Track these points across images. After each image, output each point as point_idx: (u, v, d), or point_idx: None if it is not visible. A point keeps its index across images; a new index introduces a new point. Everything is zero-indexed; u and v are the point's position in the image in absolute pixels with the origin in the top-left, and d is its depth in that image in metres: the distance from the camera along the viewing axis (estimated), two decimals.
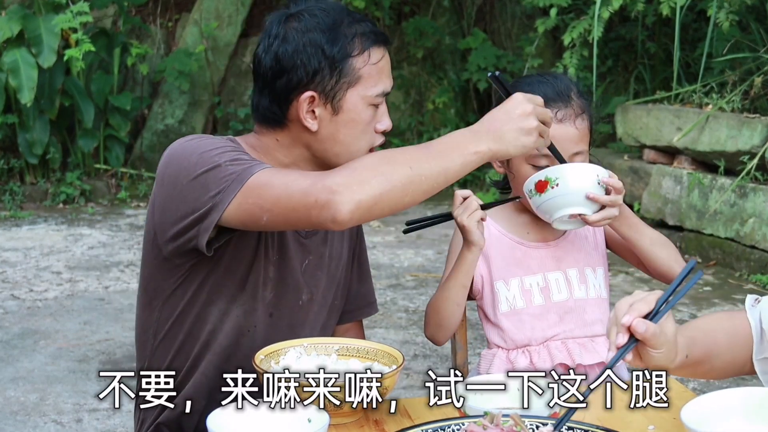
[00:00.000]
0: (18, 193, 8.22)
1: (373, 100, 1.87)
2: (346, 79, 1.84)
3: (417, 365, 4.45)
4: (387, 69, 1.90)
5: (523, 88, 2.09)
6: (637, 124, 6.85)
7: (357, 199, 1.65)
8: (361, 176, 1.68)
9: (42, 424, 3.77)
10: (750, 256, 5.79)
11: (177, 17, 9.52)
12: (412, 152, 1.74)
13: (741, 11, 6.33)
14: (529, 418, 1.47)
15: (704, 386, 4.10)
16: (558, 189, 2.00)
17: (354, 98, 1.86)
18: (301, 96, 1.84)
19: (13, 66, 7.65)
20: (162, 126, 9.09)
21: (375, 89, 1.87)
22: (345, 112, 1.87)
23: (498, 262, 2.20)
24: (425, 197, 1.73)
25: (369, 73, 1.86)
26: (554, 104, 2.10)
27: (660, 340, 1.57)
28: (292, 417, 1.53)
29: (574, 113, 2.12)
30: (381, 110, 1.92)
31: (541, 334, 2.18)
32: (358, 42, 1.84)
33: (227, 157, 1.77)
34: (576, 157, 2.11)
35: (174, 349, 1.95)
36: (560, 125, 2.09)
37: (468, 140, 1.74)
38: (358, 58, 1.85)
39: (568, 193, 2.00)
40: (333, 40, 1.83)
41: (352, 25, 1.86)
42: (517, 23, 9.50)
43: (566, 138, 2.09)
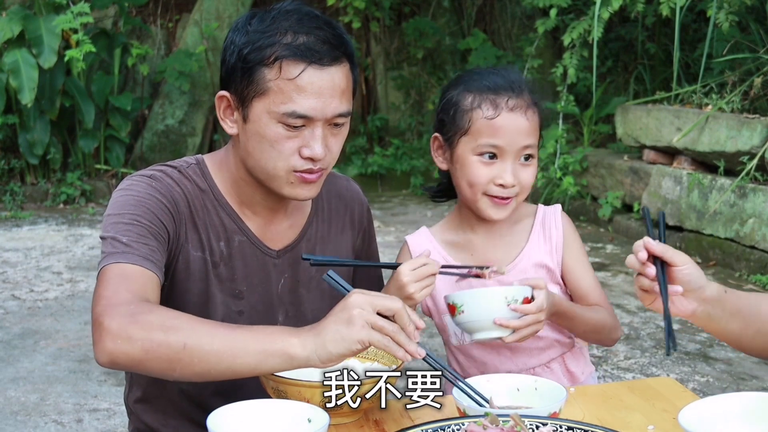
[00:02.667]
0: (18, 194, 8.23)
1: (282, 118, 1.73)
2: (253, 87, 1.74)
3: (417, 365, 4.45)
4: (312, 89, 1.72)
5: (473, 77, 2.05)
6: (637, 124, 6.86)
7: (115, 356, 1.52)
8: (131, 330, 1.51)
9: (42, 424, 3.77)
10: (750, 256, 5.79)
11: (177, 18, 9.52)
12: (203, 327, 1.53)
13: (741, 12, 6.34)
14: (529, 418, 1.48)
15: (704, 387, 4.10)
16: (465, 315, 1.90)
17: (259, 110, 1.75)
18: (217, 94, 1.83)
19: (13, 66, 7.66)
20: (162, 126, 9.09)
21: (283, 106, 1.72)
22: (251, 123, 1.77)
23: (442, 294, 2.03)
24: (203, 379, 1.54)
25: (279, 88, 1.72)
26: (505, 93, 2.00)
27: (676, 253, 1.67)
28: (292, 417, 1.53)
29: (525, 104, 2.00)
30: (308, 133, 1.75)
31: (494, 369, 2.06)
32: (274, 50, 1.72)
33: (114, 231, 1.71)
34: (525, 150, 2.01)
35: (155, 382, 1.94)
36: (511, 114, 1.98)
37: (285, 337, 1.51)
38: (270, 69, 1.72)
39: (475, 321, 1.89)
40: (253, 42, 1.74)
41: (285, 31, 1.73)
42: (517, 24, 9.51)
43: (516, 128, 1.98)
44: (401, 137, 9.43)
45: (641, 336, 4.78)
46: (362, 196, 2.11)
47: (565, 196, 7.19)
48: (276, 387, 1.64)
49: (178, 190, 1.84)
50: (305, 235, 1.97)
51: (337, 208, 2.04)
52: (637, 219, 6.88)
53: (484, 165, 2.01)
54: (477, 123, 2.00)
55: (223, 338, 1.51)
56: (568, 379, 2.12)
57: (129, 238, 1.70)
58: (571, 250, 2.11)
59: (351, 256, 2.07)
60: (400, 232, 7.30)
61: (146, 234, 1.73)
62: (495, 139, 1.99)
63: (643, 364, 4.38)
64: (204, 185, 1.88)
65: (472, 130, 2.01)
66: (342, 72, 1.77)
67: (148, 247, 1.71)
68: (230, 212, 1.89)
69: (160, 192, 1.80)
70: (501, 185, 2.00)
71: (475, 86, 2.03)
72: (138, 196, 1.78)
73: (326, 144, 1.78)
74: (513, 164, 2.01)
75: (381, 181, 9.10)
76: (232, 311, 1.89)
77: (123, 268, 1.66)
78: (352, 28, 9.10)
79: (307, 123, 1.75)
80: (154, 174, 1.84)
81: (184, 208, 1.83)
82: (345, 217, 2.05)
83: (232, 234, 1.88)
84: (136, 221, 1.73)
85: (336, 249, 2.03)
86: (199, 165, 1.90)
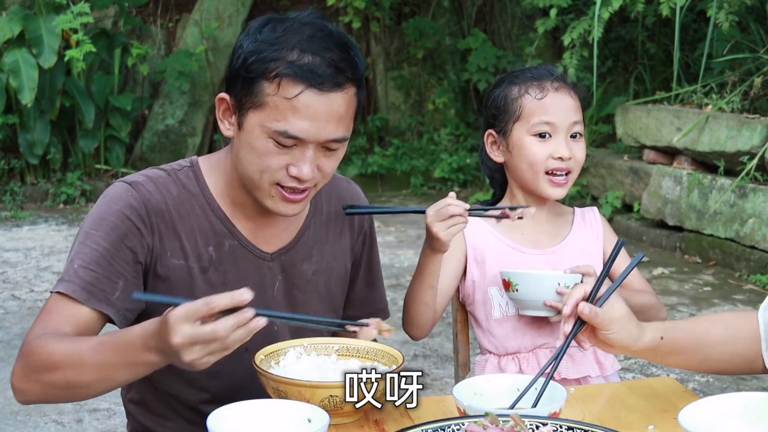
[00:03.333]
0: (18, 194, 8.23)
1: (274, 135, 1.71)
2: (251, 98, 1.72)
3: (417, 365, 4.46)
4: (308, 112, 1.70)
5: (514, 74, 2.22)
6: (637, 124, 6.86)
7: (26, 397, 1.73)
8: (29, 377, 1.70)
9: (42, 425, 3.78)
10: (750, 256, 5.79)
11: (177, 18, 9.52)
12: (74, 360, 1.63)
13: (741, 12, 6.34)
14: (529, 418, 1.48)
15: (704, 387, 4.10)
16: (518, 294, 2.08)
17: (253, 121, 1.73)
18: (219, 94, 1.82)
19: (13, 66, 7.66)
20: (162, 126, 9.10)
21: (276, 124, 1.70)
22: (244, 132, 1.75)
23: (492, 268, 2.18)
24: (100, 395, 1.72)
25: (276, 105, 1.70)
26: (548, 78, 2.17)
27: (607, 320, 1.63)
28: (292, 417, 1.53)
29: (567, 85, 2.18)
30: (298, 153, 1.74)
31: (531, 342, 2.17)
32: (276, 66, 1.70)
33: (76, 250, 1.77)
34: (575, 126, 2.16)
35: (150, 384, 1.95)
36: (557, 93, 2.15)
37: (140, 351, 1.56)
38: (269, 83, 1.70)
39: (527, 300, 2.08)
40: (259, 52, 1.71)
41: (292, 47, 1.70)
42: (517, 24, 9.51)
43: (564, 106, 2.16)
44: (401, 137, 9.43)
45: None
46: (363, 199, 2.10)
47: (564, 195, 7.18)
48: (276, 387, 1.64)
49: (158, 198, 1.82)
50: (301, 238, 1.95)
51: (336, 210, 2.02)
52: (637, 219, 6.89)
53: (541, 143, 2.15)
54: (528, 106, 2.16)
55: (93, 369, 1.62)
56: (599, 367, 2.18)
57: (80, 263, 1.75)
58: (611, 241, 2.26)
59: (349, 260, 2.04)
60: (400, 232, 7.31)
61: (98, 261, 1.75)
62: (546, 116, 2.14)
63: (643, 364, 4.38)
64: (195, 189, 1.87)
65: (524, 114, 2.16)
66: (343, 98, 1.73)
67: (93, 274, 1.74)
68: (221, 216, 1.87)
69: (132, 206, 1.79)
70: (559, 158, 2.15)
71: (519, 79, 2.19)
72: (108, 215, 1.78)
73: (317, 164, 1.76)
74: (566, 139, 2.16)
75: (381, 181, 9.10)
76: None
77: (57, 299, 1.75)
78: (352, 28, 9.10)
79: (298, 143, 1.73)
80: (136, 181, 1.83)
81: (160, 218, 1.81)
82: (345, 221, 2.04)
83: (222, 238, 1.86)
84: (95, 244, 1.76)
85: (334, 253, 2.01)
86: (192, 167, 1.89)
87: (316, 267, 1.97)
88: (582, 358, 2.17)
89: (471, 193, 8.21)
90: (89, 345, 1.64)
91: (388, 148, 9.31)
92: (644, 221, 6.81)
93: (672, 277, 5.86)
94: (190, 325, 1.46)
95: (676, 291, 5.61)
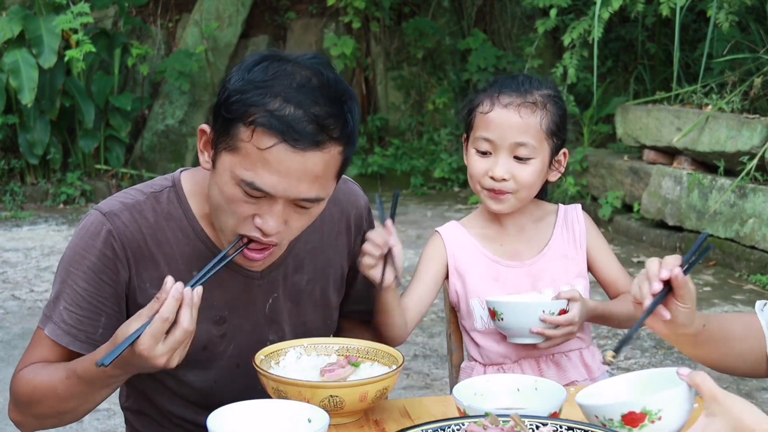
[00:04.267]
0: (18, 194, 8.23)
1: (241, 184, 1.62)
2: (227, 139, 1.63)
3: (417, 365, 4.46)
4: (280, 168, 1.60)
5: (494, 81, 2.17)
6: (637, 124, 6.86)
7: (22, 426, 1.83)
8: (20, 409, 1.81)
9: None
10: (750, 256, 5.79)
11: (177, 18, 9.52)
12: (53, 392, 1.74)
13: (741, 12, 6.34)
14: (529, 418, 1.48)
15: None
16: (504, 323, 2.07)
17: (225, 164, 1.65)
18: None
19: (13, 66, 7.66)
20: (162, 126, 9.10)
21: (246, 173, 1.61)
22: (216, 173, 1.68)
23: (473, 279, 2.16)
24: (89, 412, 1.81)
25: (248, 153, 1.60)
26: (505, 91, 2.10)
27: (688, 293, 1.65)
28: (292, 417, 1.53)
29: (522, 102, 2.07)
30: (266, 206, 1.65)
31: (515, 353, 2.15)
32: (254, 113, 1.59)
33: (59, 289, 1.81)
34: (518, 148, 2.07)
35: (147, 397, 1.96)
36: (503, 111, 2.08)
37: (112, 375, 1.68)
38: (245, 129, 1.60)
39: (513, 327, 2.07)
40: (242, 92, 1.61)
41: (276, 95, 1.60)
42: (517, 24, 9.51)
43: (507, 124, 2.07)
44: (401, 137, 9.43)
45: (641, 336, 4.78)
46: (361, 197, 2.04)
47: (565, 196, 7.19)
48: (276, 387, 1.64)
49: (133, 228, 1.78)
50: (292, 250, 1.89)
51: (332, 214, 1.95)
52: (637, 219, 6.88)
53: (480, 158, 2.12)
54: (476, 118, 2.13)
55: (70, 399, 1.74)
56: (585, 371, 2.18)
57: (65, 305, 1.79)
58: (594, 242, 2.23)
59: (347, 263, 2.01)
60: (400, 232, 7.27)
61: (79, 302, 1.78)
62: (487, 132, 2.10)
63: (643, 364, 4.38)
64: (177, 212, 1.82)
65: (473, 126, 2.14)
66: (322, 158, 1.62)
67: (77, 316, 1.78)
68: (204, 238, 1.82)
69: (107, 242, 1.77)
70: (492, 178, 2.09)
71: (488, 89, 2.15)
72: (86, 252, 1.78)
73: (285, 219, 1.68)
74: (506, 159, 2.09)
75: (381, 181, 9.10)
76: (214, 336, 1.85)
77: (44, 337, 1.81)
78: (352, 28, 9.10)
79: (266, 196, 1.64)
80: (112, 211, 1.79)
81: (136, 249, 1.78)
82: (340, 223, 1.98)
83: (207, 262, 1.75)
84: (75, 285, 1.79)
85: (329, 258, 1.97)
86: (174, 188, 1.83)
87: (310, 276, 1.93)
88: (568, 364, 2.16)
89: (471, 194, 8.20)
90: (60, 378, 1.73)
91: (388, 148, 9.31)
92: (644, 221, 6.81)
93: None
94: (162, 343, 1.57)
95: None
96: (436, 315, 5.14)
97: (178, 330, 1.57)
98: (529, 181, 2.09)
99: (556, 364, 2.15)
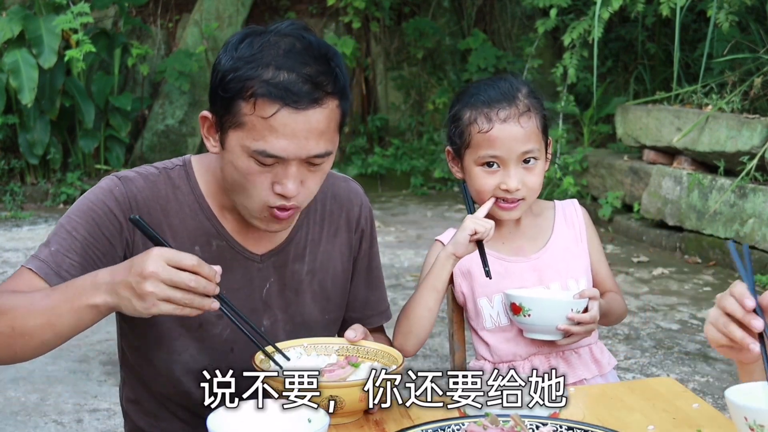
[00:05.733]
0: (18, 194, 8.23)
1: (254, 155, 1.69)
2: (230, 117, 1.70)
3: (417, 365, 4.46)
4: (286, 131, 1.67)
5: (470, 92, 2.15)
6: (637, 124, 6.86)
7: None
8: None
9: (42, 425, 3.78)
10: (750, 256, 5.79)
11: (177, 18, 9.53)
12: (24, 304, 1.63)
13: (741, 12, 6.34)
14: (529, 418, 1.48)
15: (704, 387, 4.10)
16: (530, 318, 2.06)
17: (234, 141, 1.71)
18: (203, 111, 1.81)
19: (13, 67, 7.66)
20: (162, 126, 9.10)
21: (255, 144, 1.68)
22: (227, 151, 1.74)
23: (479, 279, 2.17)
24: (41, 353, 1.67)
25: (253, 125, 1.67)
26: (497, 105, 2.09)
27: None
28: (292, 417, 1.53)
29: (518, 112, 2.09)
30: (281, 170, 1.71)
31: (526, 349, 2.16)
32: (251, 86, 1.66)
33: (54, 233, 1.78)
34: (525, 156, 2.09)
35: (143, 383, 1.97)
36: (504, 125, 2.08)
37: (87, 291, 1.60)
38: (246, 103, 1.67)
39: (539, 324, 2.07)
40: (235, 70, 1.68)
41: (267, 65, 1.67)
42: (517, 24, 9.51)
43: (511, 137, 2.08)
44: (401, 137, 9.44)
45: (641, 336, 4.78)
46: (362, 197, 2.06)
47: (565, 196, 7.19)
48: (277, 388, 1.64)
49: (145, 194, 1.82)
50: (293, 239, 1.93)
51: (331, 209, 2.00)
52: (637, 219, 6.89)
53: (488, 174, 2.11)
54: (475, 137, 2.11)
55: (39, 313, 1.62)
56: (596, 366, 2.19)
57: (57, 248, 1.75)
58: (591, 239, 2.25)
59: (347, 260, 2.02)
60: (400, 232, 7.31)
61: (75, 248, 1.76)
62: (492, 150, 2.09)
63: (643, 364, 4.38)
64: (186, 187, 1.87)
65: (472, 144, 2.12)
66: (323, 113, 1.69)
67: (68, 260, 1.74)
68: (210, 216, 1.87)
69: (116, 199, 1.80)
70: (506, 190, 2.10)
71: (471, 101, 2.13)
72: (92, 205, 1.79)
73: (301, 180, 1.73)
74: (516, 169, 2.10)
75: (381, 181, 9.10)
76: (211, 314, 1.85)
77: (27, 274, 1.74)
78: (352, 28, 9.10)
79: (279, 161, 1.70)
80: (127, 176, 1.83)
81: (145, 214, 1.81)
82: (340, 220, 2.01)
83: (210, 238, 1.85)
84: (74, 231, 1.76)
85: (328, 252, 1.99)
86: (185, 166, 1.89)
87: (310, 267, 1.96)
88: (578, 361, 2.17)
89: None
90: (40, 292, 1.66)
91: (388, 148, 9.31)
92: (644, 221, 6.82)
93: (672, 277, 5.86)
94: (164, 271, 1.53)
95: (676, 291, 5.61)
96: None
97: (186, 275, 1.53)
98: (537, 183, 2.13)
99: (565, 361, 2.16)
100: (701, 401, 1.78)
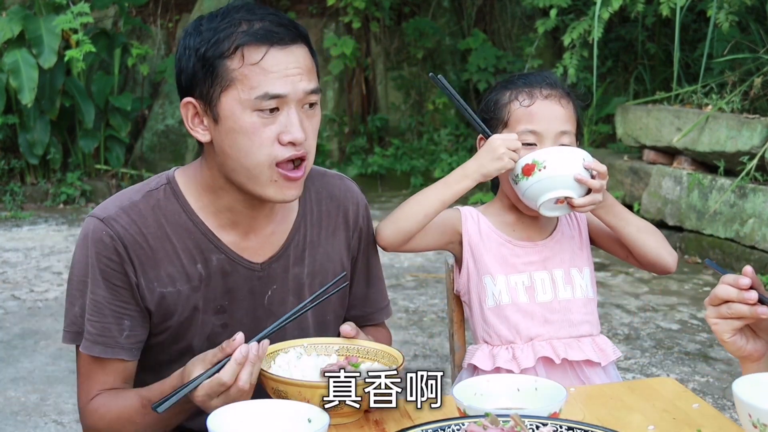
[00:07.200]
0: (18, 194, 8.23)
1: (256, 104, 1.70)
2: (218, 81, 1.71)
3: (417, 365, 4.46)
4: (278, 69, 1.70)
5: (509, 79, 2.22)
6: (637, 124, 6.86)
7: None
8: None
9: (43, 425, 3.78)
10: (750, 256, 5.79)
11: (177, 18, 9.53)
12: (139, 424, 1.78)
13: (741, 12, 6.34)
14: (529, 418, 1.48)
15: (704, 387, 4.10)
16: (545, 171, 2.02)
17: (229, 103, 1.71)
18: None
19: (13, 67, 7.66)
20: (162, 126, 9.10)
21: (255, 91, 1.69)
22: (223, 120, 1.73)
23: (486, 257, 2.19)
24: None
25: (245, 74, 1.69)
26: (540, 85, 2.15)
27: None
28: (292, 417, 1.53)
29: (559, 95, 2.15)
30: (283, 118, 1.73)
31: (526, 333, 2.17)
32: (233, 40, 1.70)
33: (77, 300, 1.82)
34: (562, 137, 2.12)
35: None
36: (545, 101, 2.13)
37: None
38: (232, 59, 1.70)
39: (555, 176, 2.02)
40: (207, 40, 1.71)
41: (238, 22, 1.72)
42: (517, 24, 9.51)
43: (552, 115, 2.12)
44: (401, 137, 9.43)
45: (641, 336, 4.78)
46: (358, 195, 2.05)
47: None
48: (276, 387, 1.64)
49: (133, 230, 1.80)
50: (291, 242, 1.92)
51: (328, 209, 1.98)
52: None
53: (525, 151, 2.09)
54: (515, 113, 2.15)
55: (148, 426, 1.76)
56: (600, 355, 2.18)
57: (88, 316, 1.80)
58: (590, 219, 2.28)
59: (346, 259, 2.01)
60: None
61: (102, 309, 1.80)
62: (532, 124, 2.12)
63: (643, 364, 4.38)
64: (175, 207, 1.83)
65: (511, 121, 2.15)
66: (303, 51, 1.75)
67: (101, 325, 1.80)
68: (205, 231, 1.84)
69: (111, 248, 1.79)
70: None
71: (512, 84, 2.19)
72: (94, 261, 1.79)
73: (303, 128, 1.74)
74: None
75: (381, 181, 9.10)
76: (216, 326, 1.87)
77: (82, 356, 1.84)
78: (352, 28, 9.10)
79: (280, 105, 1.72)
80: (109, 216, 1.80)
81: (139, 251, 1.80)
82: (337, 218, 2.00)
83: (209, 254, 1.83)
84: (92, 294, 1.80)
85: (328, 252, 1.98)
86: (170, 184, 1.86)
87: (310, 269, 1.95)
88: (579, 346, 2.18)
89: (471, 194, 8.21)
90: (135, 409, 1.76)
91: (388, 148, 9.31)
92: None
93: (672, 277, 5.86)
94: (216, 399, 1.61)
95: (676, 291, 5.62)
96: (436, 315, 5.14)
97: (234, 389, 1.60)
98: None
99: (567, 345, 2.16)
100: (701, 401, 1.78)
